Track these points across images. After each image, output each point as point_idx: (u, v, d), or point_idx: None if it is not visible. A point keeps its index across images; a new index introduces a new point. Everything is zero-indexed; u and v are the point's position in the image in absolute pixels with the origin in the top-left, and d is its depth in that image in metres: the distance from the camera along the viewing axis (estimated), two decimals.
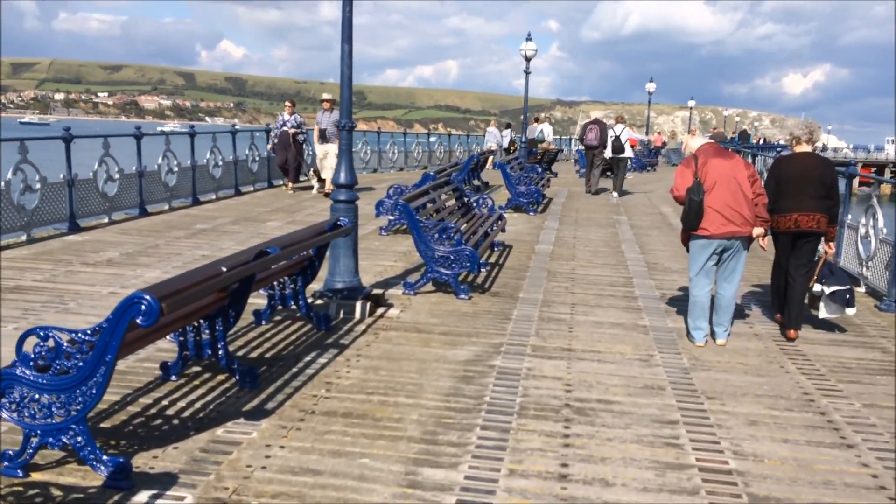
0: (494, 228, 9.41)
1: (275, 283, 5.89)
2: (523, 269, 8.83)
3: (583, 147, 21.11)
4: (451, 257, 7.21)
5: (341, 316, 6.41)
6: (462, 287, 7.28)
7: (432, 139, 28.03)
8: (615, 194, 17.37)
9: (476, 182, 17.69)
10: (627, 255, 9.93)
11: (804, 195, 6.09)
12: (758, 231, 5.86)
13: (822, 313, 6.32)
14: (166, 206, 12.60)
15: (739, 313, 6.90)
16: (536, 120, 28.11)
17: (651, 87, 35.24)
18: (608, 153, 17.66)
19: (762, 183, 6.02)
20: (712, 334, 6.13)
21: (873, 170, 75.12)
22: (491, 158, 21.05)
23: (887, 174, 74.27)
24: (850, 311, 6.31)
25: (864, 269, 8.36)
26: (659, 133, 47.20)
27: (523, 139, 23.37)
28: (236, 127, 15.77)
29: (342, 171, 6.61)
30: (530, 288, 7.83)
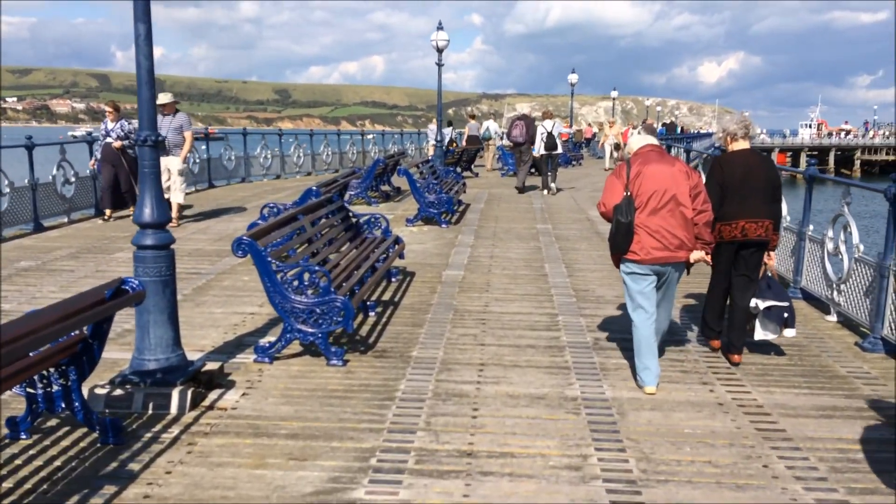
0: (389, 255, 7.63)
1: (36, 377, 3.98)
2: (424, 307, 7.05)
3: (508, 144, 20.03)
4: (318, 311, 5.36)
5: (150, 412, 4.51)
6: (334, 351, 5.44)
7: (369, 136, 26.09)
8: (553, 187, 17.22)
9: (385, 188, 15.86)
10: (552, 280, 8.27)
11: (751, 199, 5.37)
12: (696, 255, 5.03)
13: (758, 334, 5.57)
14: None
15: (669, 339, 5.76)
16: (473, 117, 27.23)
17: (573, 77, 34.03)
18: (540, 149, 16.94)
19: (706, 195, 5.07)
20: (638, 381, 5.09)
21: (789, 154, 76.83)
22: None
23: (803, 159, 75.87)
24: (788, 333, 5.52)
25: (835, 293, 6.85)
26: (589, 124, 46.34)
27: (439, 137, 21.61)
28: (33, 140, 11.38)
29: (147, 204, 4.67)
30: (428, 340, 6.05)
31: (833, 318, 6.86)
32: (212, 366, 5.09)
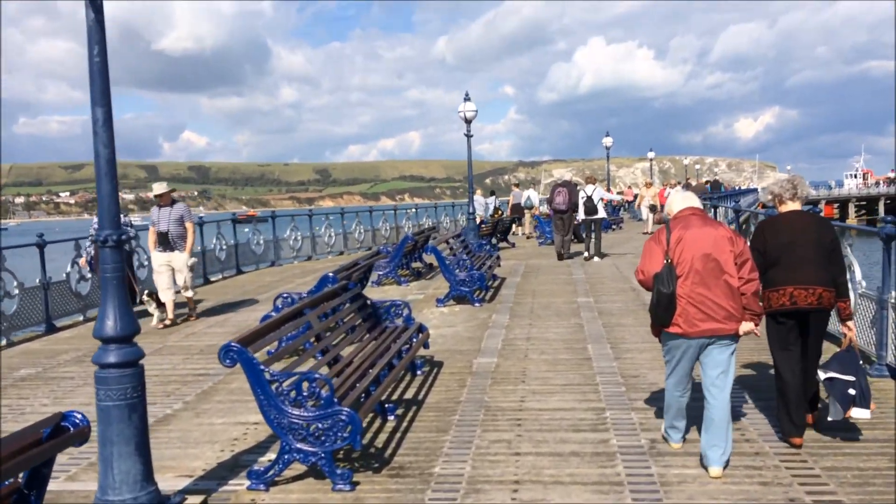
0: (412, 345, 6.84)
1: None
2: (451, 406, 6.19)
3: (548, 211, 19.55)
4: (320, 426, 4.56)
5: None
6: (339, 472, 4.60)
7: (411, 210, 26.02)
8: (596, 258, 16.59)
9: (417, 265, 15.19)
10: (597, 365, 7.35)
11: (799, 264, 4.94)
12: (746, 327, 4.64)
13: (829, 416, 4.95)
14: None
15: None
16: (517, 185, 27.40)
17: (608, 141, 33.49)
18: (581, 215, 16.61)
19: (753, 263, 4.69)
20: (703, 459, 4.63)
21: (836, 205, 74.83)
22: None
23: (851, 209, 73.81)
24: (857, 414, 4.82)
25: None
26: (629, 187, 45.63)
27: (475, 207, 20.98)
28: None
29: (109, 315, 3.98)
30: (454, 450, 5.17)
31: None
32: (193, 500, 4.29)
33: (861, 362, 5.04)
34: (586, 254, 16.77)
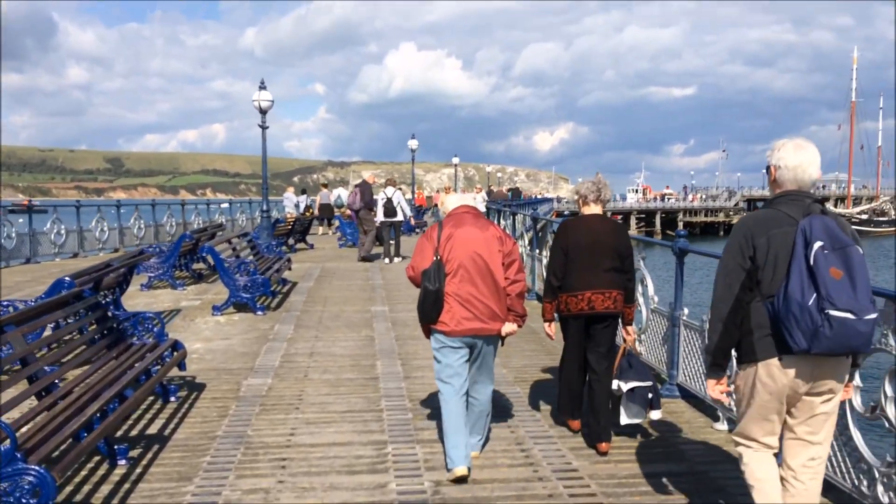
0: (163, 365, 5.66)
1: None
2: (203, 445, 5.08)
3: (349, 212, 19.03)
4: None
5: None
6: None
7: (216, 205, 24.03)
8: (397, 259, 16.21)
9: (199, 266, 13.65)
10: (384, 385, 6.56)
11: (598, 269, 4.94)
12: (508, 328, 4.68)
13: (623, 418, 4.98)
14: None
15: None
16: (325, 185, 27.23)
17: (413, 143, 33.23)
18: (380, 216, 16.28)
19: (520, 263, 4.75)
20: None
21: (620, 217, 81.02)
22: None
23: (633, 221, 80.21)
24: (654, 415, 4.99)
25: (637, 343, 5.93)
26: (438, 191, 45.83)
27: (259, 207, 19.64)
28: None
29: None
30: None
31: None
32: None
33: (646, 364, 5.23)
34: (386, 259, 16.24)
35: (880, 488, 3.81)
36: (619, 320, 5.18)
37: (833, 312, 2.90)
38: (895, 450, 3.75)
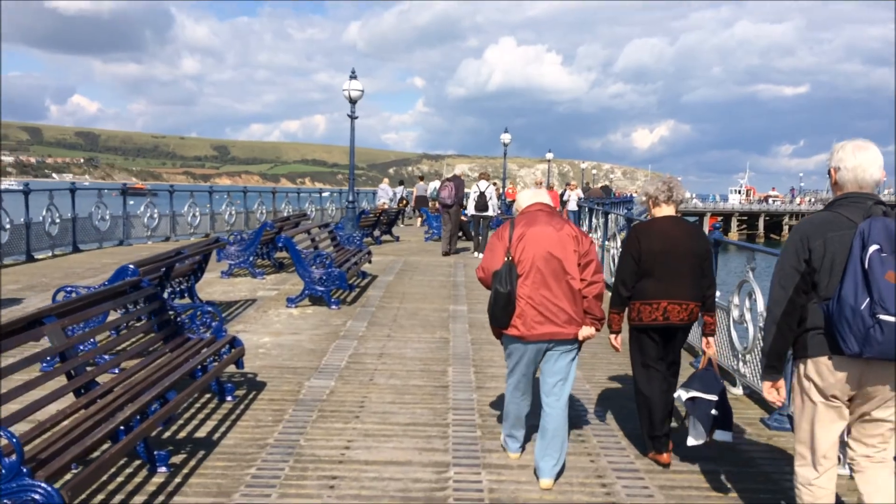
0: (221, 362, 5.32)
1: None
2: (250, 455, 4.67)
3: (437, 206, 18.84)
4: None
5: None
6: None
7: (307, 194, 24.72)
8: (478, 254, 15.93)
9: (281, 255, 13.49)
10: (453, 396, 6.01)
11: (675, 276, 4.59)
12: (586, 332, 4.37)
13: (689, 439, 4.48)
14: None
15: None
16: (421, 178, 27.84)
17: (506, 137, 32.50)
18: (470, 211, 16.05)
19: (598, 264, 4.42)
20: (536, 470, 4.40)
21: (720, 218, 77.67)
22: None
23: (734, 223, 76.73)
24: (719, 436, 4.43)
25: (741, 363, 6.32)
26: (513, 185, 45.00)
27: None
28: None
29: None
30: None
31: (739, 390, 6.17)
32: None
33: (722, 381, 4.62)
34: (476, 254, 15.88)
35: None
36: (701, 330, 4.83)
37: (884, 317, 2.88)
38: None
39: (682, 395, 4.52)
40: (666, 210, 4.80)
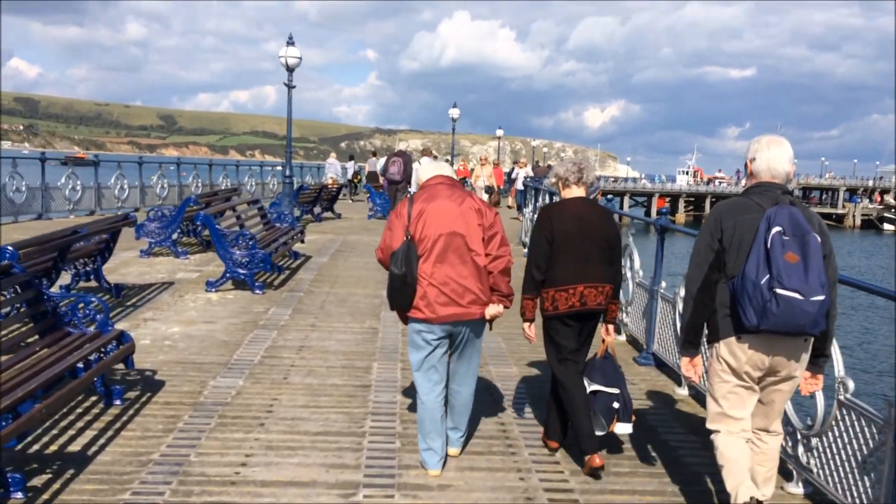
0: (104, 360, 4.64)
1: None
2: (127, 475, 4.00)
3: (384, 181, 18.21)
4: None
5: None
6: None
7: (246, 167, 23.77)
8: None
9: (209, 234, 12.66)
10: (375, 398, 5.43)
11: (589, 259, 4.34)
12: (493, 310, 4.15)
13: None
14: None
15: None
16: (374, 153, 27.39)
17: (454, 112, 31.77)
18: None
19: (503, 236, 4.19)
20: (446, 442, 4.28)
21: (668, 199, 78.47)
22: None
23: (681, 204, 77.68)
24: (620, 429, 4.39)
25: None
26: (464, 162, 44.36)
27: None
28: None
29: None
30: None
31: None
32: None
33: (621, 370, 4.53)
34: None
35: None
36: (602, 317, 4.55)
37: (781, 291, 3.13)
38: None
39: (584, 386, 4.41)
40: (576, 192, 4.57)
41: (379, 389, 5.64)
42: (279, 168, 26.52)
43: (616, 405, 4.34)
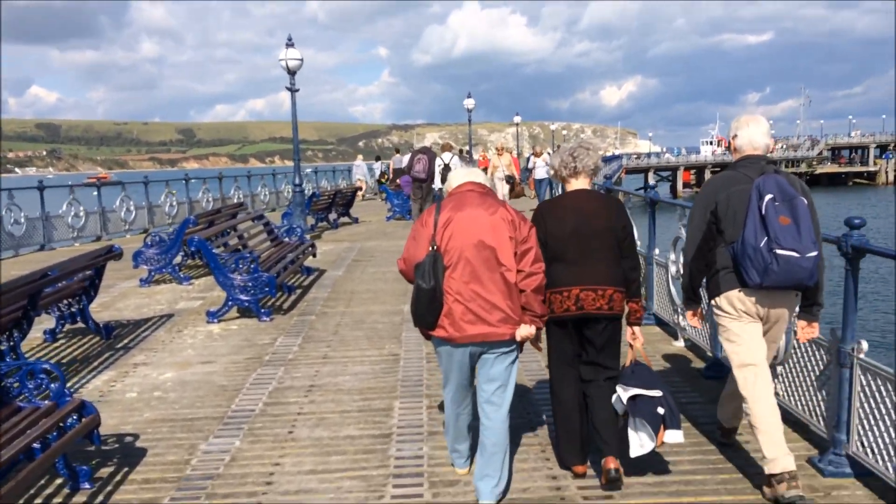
0: (64, 437, 3.76)
1: None
2: None
3: (402, 181, 17.31)
4: None
5: None
6: None
7: (258, 176, 23.18)
8: None
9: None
10: (396, 453, 4.49)
11: (588, 259, 3.97)
12: (524, 332, 3.77)
13: (633, 447, 3.84)
14: None
15: None
16: (397, 151, 26.78)
17: (469, 103, 30.76)
18: (437, 184, 14.43)
19: (538, 252, 3.82)
20: (476, 491, 3.80)
21: (693, 172, 76.53)
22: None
23: (707, 175, 75.78)
24: (670, 438, 3.81)
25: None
26: (484, 153, 43.32)
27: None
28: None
29: None
30: None
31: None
32: None
33: (658, 375, 4.07)
34: None
35: None
36: (626, 319, 4.14)
37: (780, 251, 3.47)
38: None
39: (620, 394, 3.91)
40: (577, 183, 4.17)
41: (402, 439, 4.70)
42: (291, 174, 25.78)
43: (661, 410, 3.86)
